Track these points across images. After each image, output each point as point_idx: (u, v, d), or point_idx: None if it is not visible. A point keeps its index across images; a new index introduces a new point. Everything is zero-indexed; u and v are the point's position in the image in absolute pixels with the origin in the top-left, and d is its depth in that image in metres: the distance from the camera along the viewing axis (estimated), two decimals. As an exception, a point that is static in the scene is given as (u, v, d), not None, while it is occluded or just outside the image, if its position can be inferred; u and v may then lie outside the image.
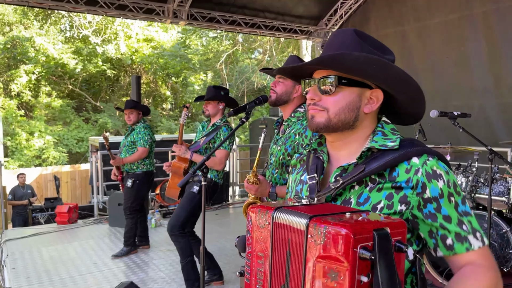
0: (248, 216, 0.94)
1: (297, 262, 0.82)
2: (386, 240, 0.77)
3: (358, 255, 0.73)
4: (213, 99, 3.55)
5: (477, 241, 0.97)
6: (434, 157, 0.99)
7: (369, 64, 0.97)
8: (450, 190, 0.97)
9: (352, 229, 0.73)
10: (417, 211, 0.97)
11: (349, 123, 1.03)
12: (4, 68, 16.57)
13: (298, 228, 0.82)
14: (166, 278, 3.99)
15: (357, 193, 1.00)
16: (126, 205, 4.63)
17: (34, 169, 12.73)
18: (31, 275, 4.12)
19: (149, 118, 17.54)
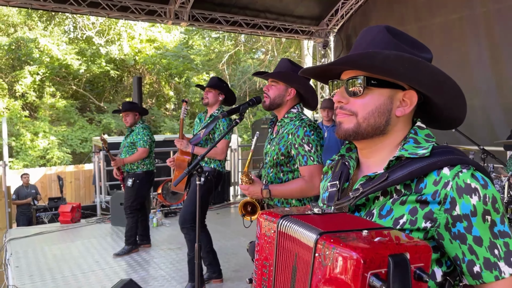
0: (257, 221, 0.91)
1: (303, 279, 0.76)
2: (403, 267, 0.68)
3: (368, 283, 0.66)
4: (215, 88, 3.61)
5: (510, 268, 0.83)
6: (470, 168, 0.86)
7: (400, 63, 0.88)
8: (486, 207, 0.83)
9: (364, 253, 0.65)
10: (444, 230, 0.85)
11: (380, 128, 0.94)
12: (9, 69, 16.73)
13: (306, 243, 0.75)
14: (167, 276, 4.05)
15: (380, 204, 0.92)
16: (126, 204, 4.69)
17: (38, 169, 12.85)
18: (34, 273, 4.19)
19: (152, 119, 17.65)
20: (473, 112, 6.48)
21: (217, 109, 3.67)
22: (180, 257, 4.58)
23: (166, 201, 6.82)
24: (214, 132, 3.53)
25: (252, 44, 17.59)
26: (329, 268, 0.70)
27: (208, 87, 3.62)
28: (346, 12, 8.32)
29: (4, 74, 16.61)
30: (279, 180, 2.19)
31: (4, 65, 16.68)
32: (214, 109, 3.68)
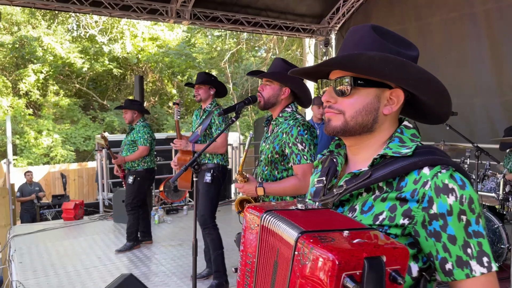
0: (244, 214, 0.93)
1: (283, 275, 0.79)
2: (378, 270, 0.70)
3: (342, 283, 0.68)
4: (204, 84, 3.67)
5: (481, 267, 0.85)
6: (449, 169, 0.88)
7: (385, 64, 0.91)
8: (462, 207, 0.85)
9: (339, 255, 0.68)
10: (421, 228, 0.88)
11: (367, 126, 0.97)
12: (13, 67, 16.84)
13: (287, 241, 0.78)
14: (167, 272, 4.11)
15: (362, 200, 0.95)
16: (127, 201, 4.76)
17: (42, 166, 12.96)
18: (38, 269, 4.26)
19: (155, 117, 17.73)
20: (473, 110, 6.49)
21: (210, 104, 3.72)
22: (181, 253, 4.65)
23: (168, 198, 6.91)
24: (210, 127, 3.58)
25: (254, 42, 17.62)
26: (306, 266, 0.72)
27: (198, 84, 3.68)
28: (347, 10, 8.34)
29: (8, 73, 16.72)
30: (274, 177, 2.24)
31: (8, 64, 16.79)
32: (207, 104, 3.73)
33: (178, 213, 6.76)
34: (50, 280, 3.95)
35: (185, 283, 3.79)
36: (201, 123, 3.60)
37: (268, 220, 0.84)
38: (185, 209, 6.80)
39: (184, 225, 5.93)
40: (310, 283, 0.71)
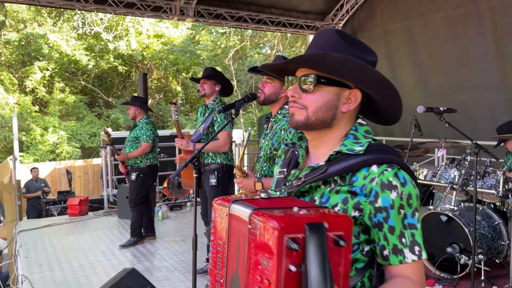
0: (213, 207, 0.99)
1: (243, 250, 0.87)
2: (318, 233, 0.78)
3: (285, 246, 0.76)
4: (210, 79, 3.56)
5: (412, 255, 0.97)
6: (394, 168, 0.98)
7: (346, 65, 0.99)
8: (402, 202, 0.97)
9: (281, 221, 0.77)
10: (368, 219, 0.99)
11: (327, 121, 1.05)
12: (19, 64, 16.97)
13: (243, 219, 0.87)
14: (170, 267, 4.16)
15: (320, 192, 1.04)
16: (131, 198, 4.82)
17: (48, 163, 13.08)
18: (43, 264, 4.33)
19: (160, 114, 17.80)
20: (477, 107, 6.48)
21: (213, 100, 3.63)
22: (184, 249, 4.70)
23: (172, 194, 6.97)
24: (213, 125, 3.49)
25: (259, 39, 17.62)
26: (258, 235, 0.81)
27: (204, 79, 3.58)
28: (351, 7, 8.32)
29: (15, 70, 16.86)
30: (272, 173, 2.27)
31: (15, 61, 16.92)
32: (210, 100, 3.63)
33: (181, 209, 6.82)
34: (55, 275, 4.01)
35: (188, 278, 3.84)
36: (204, 122, 3.53)
37: (233, 207, 0.93)
38: (188, 205, 6.86)
39: (187, 221, 5.98)
40: (262, 249, 0.80)
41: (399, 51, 7.57)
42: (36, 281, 3.84)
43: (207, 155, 3.54)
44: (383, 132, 7.92)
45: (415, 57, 7.27)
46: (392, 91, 1.06)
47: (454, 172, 3.53)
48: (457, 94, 6.68)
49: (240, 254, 0.89)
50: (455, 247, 3.33)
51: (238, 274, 0.89)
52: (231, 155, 3.62)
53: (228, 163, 3.55)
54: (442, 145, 3.67)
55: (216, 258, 0.99)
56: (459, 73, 6.64)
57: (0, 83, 15.40)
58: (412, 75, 7.36)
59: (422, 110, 2.69)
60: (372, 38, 8.13)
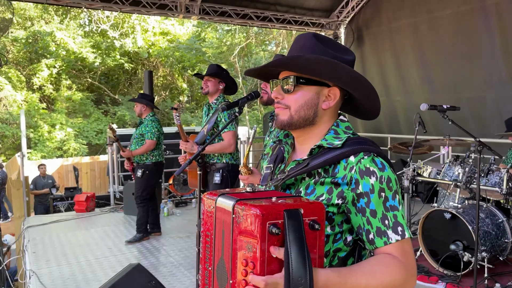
0: (202, 200, 1.07)
1: (228, 238, 0.94)
2: (296, 218, 0.86)
3: (267, 231, 0.84)
4: (214, 76, 3.50)
5: (395, 235, 1.01)
6: (370, 155, 1.05)
7: (320, 65, 1.07)
8: (381, 185, 1.03)
9: (262, 209, 0.85)
10: (351, 205, 1.05)
11: (309, 119, 1.12)
12: (27, 62, 17.11)
13: (227, 209, 0.94)
14: (175, 262, 4.21)
15: (305, 184, 1.10)
16: (137, 194, 4.86)
17: (55, 160, 13.20)
18: (50, 259, 4.40)
19: (166, 111, 17.87)
20: (484, 104, 6.44)
21: (216, 99, 3.57)
22: (189, 245, 4.74)
23: (177, 191, 7.02)
24: (217, 126, 3.44)
25: (264, 36, 17.60)
26: (241, 223, 0.89)
27: (207, 76, 3.52)
28: (356, 3, 8.30)
29: (22, 67, 17.00)
30: None
31: (22, 59, 17.06)
32: (213, 99, 3.57)
33: (187, 206, 6.87)
34: (62, 270, 4.07)
35: (192, 273, 3.88)
36: (207, 122, 3.48)
37: (219, 200, 1.00)
38: (193, 202, 6.90)
39: (192, 218, 6.03)
40: (245, 235, 0.88)
41: (405, 49, 7.54)
42: (44, 276, 3.91)
43: (212, 155, 3.52)
44: (389, 130, 7.91)
45: (421, 54, 7.24)
46: (366, 85, 1.12)
47: (458, 170, 3.53)
48: (464, 91, 6.65)
49: (225, 242, 0.96)
50: (458, 244, 3.34)
51: (224, 260, 0.97)
52: (236, 154, 3.60)
53: (233, 162, 3.54)
54: (447, 142, 3.67)
55: (205, 248, 1.05)
56: (465, 70, 6.60)
57: (8, 81, 15.54)
58: (418, 73, 7.33)
59: (426, 108, 2.70)
60: (377, 35, 8.10)
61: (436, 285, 3.37)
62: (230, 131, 3.40)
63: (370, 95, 1.15)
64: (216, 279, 1.00)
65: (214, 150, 3.44)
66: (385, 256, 1.01)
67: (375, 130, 8.12)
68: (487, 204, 3.55)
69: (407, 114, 7.44)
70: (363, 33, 8.43)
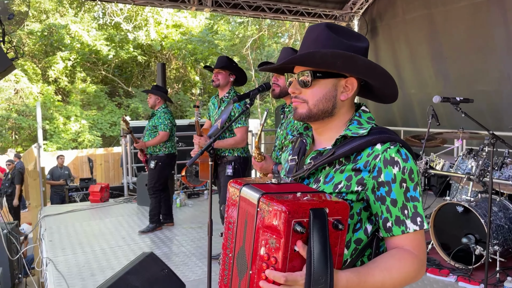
0: (227, 188, 1.09)
1: (250, 229, 0.95)
2: (321, 218, 0.87)
3: (292, 229, 0.85)
4: (225, 69, 3.52)
5: (414, 225, 1.03)
6: (397, 145, 1.06)
7: (336, 58, 1.06)
8: (404, 176, 1.04)
9: (289, 206, 0.85)
10: (371, 193, 1.06)
11: (328, 111, 1.12)
12: (42, 55, 17.35)
13: (252, 201, 0.95)
14: (187, 252, 4.28)
15: (325, 173, 1.11)
16: (149, 185, 4.94)
17: (70, 151, 13.43)
18: (66, 247, 4.50)
19: (178, 103, 17.97)
20: (499, 97, 6.34)
21: (227, 92, 3.60)
22: (201, 235, 4.80)
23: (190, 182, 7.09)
24: (230, 119, 3.42)
25: (277, 28, 17.52)
26: (266, 218, 0.90)
27: (218, 69, 3.53)
28: (370, -5, 8.20)
29: (38, 60, 17.25)
30: None
31: (38, 51, 17.31)
32: (224, 92, 3.61)
33: (199, 197, 6.95)
34: (78, 258, 4.17)
35: (204, 263, 3.94)
36: (220, 116, 3.56)
37: (244, 190, 1.02)
38: (205, 193, 6.97)
39: (204, 209, 6.09)
40: (270, 230, 0.89)
41: (419, 41, 7.43)
42: (60, 264, 4.01)
43: (224, 149, 3.57)
44: (403, 123, 7.84)
45: (436, 46, 7.13)
46: (383, 74, 1.12)
47: (471, 163, 3.50)
48: (479, 84, 6.54)
49: (248, 232, 0.97)
50: (470, 237, 3.33)
51: (244, 249, 0.98)
52: (247, 148, 3.65)
53: (245, 155, 3.59)
54: (460, 135, 3.64)
55: (227, 235, 1.08)
56: (481, 63, 6.48)
57: (24, 73, 15.80)
58: (432, 65, 7.23)
59: (438, 100, 2.68)
60: (391, 27, 8.00)
61: (447, 278, 3.37)
62: (243, 127, 3.44)
63: (388, 82, 1.16)
64: (236, 266, 1.02)
65: (227, 145, 3.47)
66: (399, 251, 1.03)
67: (388, 123, 8.06)
68: (500, 198, 3.52)
69: (421, 107, 7.36)
70: (377, 24, 8.33)
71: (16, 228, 6.18)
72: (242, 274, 0.98)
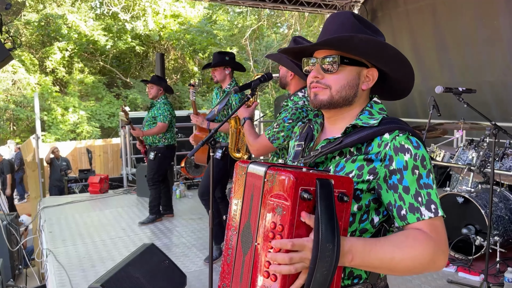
0: (235, 167, 1.09)
1: (256, 201, 0.96)
2: (327, 187, 0.88)
3: (299, 195, 0.86)
4: (219, 65, 3.69)
5: (429, 212, 1.00)
6: (405, 133, 1.05)
7: (370, 46, 1.06)
8: (416, 163, 1.02)
9: (296, 175, 0.86)
10: (383, 182, 1.04)
11: (349, 99, 1.12)
12: (39, 45, 17.21)
13: (259, 174, 0.96)
14: (187, 243, 4.28)
15: (335, 162, 1.10)
16: (149, 176, 4.92)
17: (69, 142, 13.39)
18: (66, 238, 4.50)
19: (177, 94, 17.89)
20: (506, 89, 6.29)
21: (229, 84, 3.76)
22: (201, 227, 4.81)
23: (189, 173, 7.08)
24: (228, 107, 3.61)
25: (276, 18, 17.38)
26: (273, 187, 0.91)
27: (213, 67, 3.72)
28: (371, -16, 8.11)
29: (35, 50, 17.11)
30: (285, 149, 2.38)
31: (35, 42, 17.16)
32: (226, 84, 3.77)
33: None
34: (78, 249, 4.17)
35: (204, 254, 3.95)
36: (219, 103, 3.64)
37: (250, 166, 1.03)
38: (205, 185, 6.96)
39: (204, 200, 6.09)
40: (277, 198, 0.90)
41: (422, 31, 7.35)
42: (60, 255, 4.01)
43: (219, 134, 3.71)
44: (403, 113, 7.81)
45: (440, 37, 7.04)
46: (408, 67, 1.12)
47: (472, 154, 3.49)
48: (484, 75, 6.48)
49: (254, 206, 0.98)
50: (470, 228, 3.33)
51: (250, 224, 0.98)
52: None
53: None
54: (461, 126, 3.63)
55: (232, 213, 1.08)
56: (486, 53, 6.41)
57: (22, 64, 15.69)
58: (436, 56, 7.16)
59: (441, 90, 2.66)
60: (393, 17, 7.92)
61: (447, 268, 3.38)
62: None
63: (409, 76, 1.15)
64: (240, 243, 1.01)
65: (222, 129, 3.56)
66: (414, 231, 1.00)
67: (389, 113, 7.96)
68: (501, 188, 3.52)
69: (423, 98, 7.31)
70: (378, 14, 8.26)
71: (15, 219, 6.18)
72: (246, 249, 0.98)
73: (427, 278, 3.27)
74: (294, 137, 1.31)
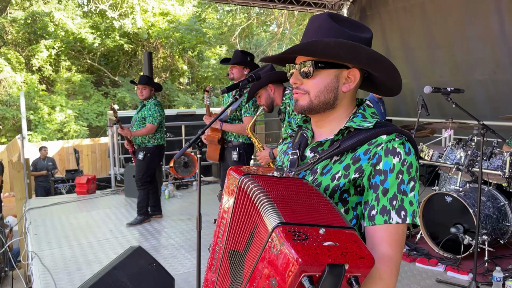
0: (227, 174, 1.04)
1: (256, 249, 0.86)
2: (336, 276, 0.76)
3: (299, 281, 0.74)
4: (239, 64, 3.78)
5: (397, 217, 0.99)
6: (402, 138, 1.04)
7: (340, 48, 1.04)
8: (402, 168, 1.01)
9: (304, 259, 0.73)
10: (366, 180, 1.03)
11: (330, 103, 1.10)
12: (25, 43, 16.92)
13: (266, 224, 0.83)
14: (176, 245, 4.23)
15: (323, 165, 1.09)
16: (137, 177, 4.86)
17: (56, 142, 13.19)
18: (52, 241, 4.42)
19: (166, 93, 17.76)
20: (496, 86, 6.33)
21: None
22: (190, 227, 4.76)
23: (178, 173, 7.02)
24: (240, 109, 3.73)
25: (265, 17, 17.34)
26: (275, 256, 0.78)
27: (233, 64, 3.79)
28: (360, -17, 8.11)
29: (21, 49, 16.83)
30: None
31: (21, 39, 16.87)
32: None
33: (187, 188, 6.88)
34: (64, 251, 4.10)
35: (193, 255, 3.90)
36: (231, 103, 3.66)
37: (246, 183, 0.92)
38: (194, 185, 6.91)
39: (193, 200, 6.04)
40: (273, 270, 0.78)
41: (412, 30, 7.36)
42: (46, 258, 3.93)
43: (230, 134, 3.86)
44: (393, 113, 7.84)
45: (429, 35, 7.07)
46: (387, 65, 1.09)
47: (460, 153, 3.50)
48: (475, 73, 6.52)
49: (252, 249, 0.88)
50: (459, 227, 3.34)
51: (244, 261, 0.90)
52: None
53: (249, 142, 3.84)
54: (449, 125, 3.63)
55: (220, 223, 1.03)
56: (476, 52, 6.45)
57: (8, 62, 15.41)
58: (427, 55, 7.18)
59: (429, 90, 2.65)
60: (382, 16, 7.94)
61: (436, 267, 3.39)
62: (251, 117, 3.68)
63: (392, 74, 1.13)
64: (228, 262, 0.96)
65: (233, 129, 3.76)
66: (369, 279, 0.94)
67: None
68: (489, 187, 3.54)
69: (413, 97, 7.33)
70: (367, 13, 8.27)
71: (1, 221, 6.05)
72: (234, 280, 0.92)
73: (416, 278, 3.27)
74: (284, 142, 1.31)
